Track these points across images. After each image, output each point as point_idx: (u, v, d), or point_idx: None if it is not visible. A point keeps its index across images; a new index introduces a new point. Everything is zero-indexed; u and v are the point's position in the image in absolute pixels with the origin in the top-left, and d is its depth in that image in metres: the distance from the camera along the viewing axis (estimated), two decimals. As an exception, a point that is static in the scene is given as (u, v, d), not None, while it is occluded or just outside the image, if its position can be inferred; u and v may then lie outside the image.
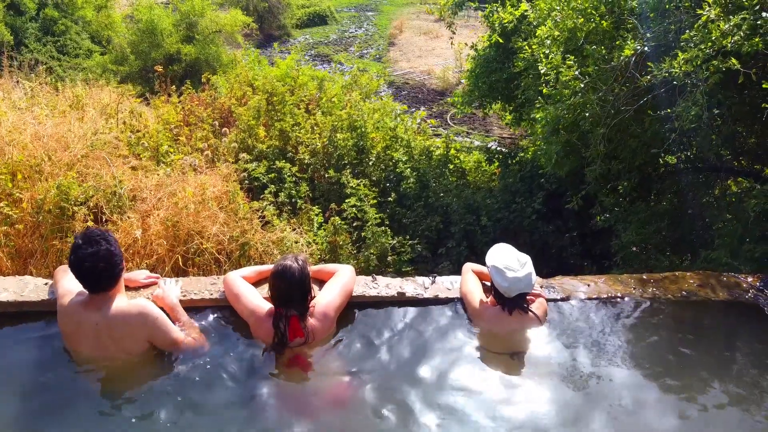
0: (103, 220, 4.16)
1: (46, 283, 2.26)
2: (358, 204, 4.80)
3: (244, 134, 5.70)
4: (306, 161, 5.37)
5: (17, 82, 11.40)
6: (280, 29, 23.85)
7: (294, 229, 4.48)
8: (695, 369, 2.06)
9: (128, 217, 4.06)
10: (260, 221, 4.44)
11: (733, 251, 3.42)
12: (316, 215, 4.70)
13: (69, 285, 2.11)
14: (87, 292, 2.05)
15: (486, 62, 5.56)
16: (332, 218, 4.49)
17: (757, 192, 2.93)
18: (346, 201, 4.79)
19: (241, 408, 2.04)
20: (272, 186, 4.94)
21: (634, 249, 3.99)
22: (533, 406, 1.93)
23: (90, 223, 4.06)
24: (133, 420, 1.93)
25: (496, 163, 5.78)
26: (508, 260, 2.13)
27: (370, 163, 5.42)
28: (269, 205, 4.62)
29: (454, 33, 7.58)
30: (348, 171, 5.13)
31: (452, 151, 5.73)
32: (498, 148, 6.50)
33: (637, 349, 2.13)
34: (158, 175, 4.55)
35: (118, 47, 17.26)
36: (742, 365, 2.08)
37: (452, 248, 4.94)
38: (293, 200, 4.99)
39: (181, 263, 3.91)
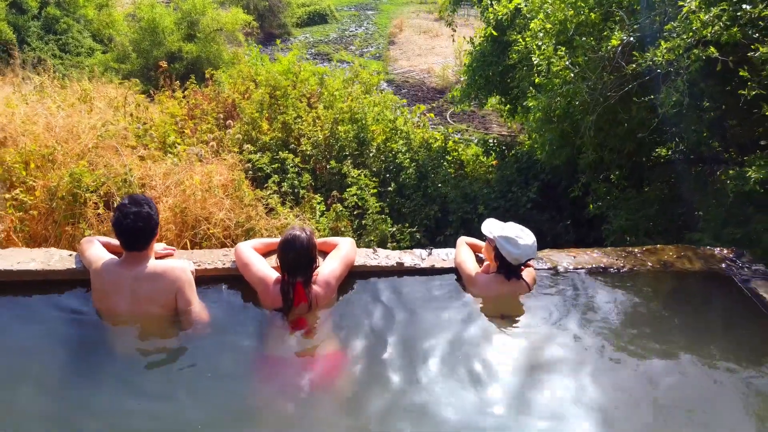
0: (114, 206, 4.34)
1: (70, 254, 2.45)
2: (359, 193, 4.99)
3: (248, 126, 5.89)
4: (308, 152, 5.56)
5: (22, 79, 11.60)
6: (281, 28, 24.05)
7: (297, 216, 4.67)
8: (669, 332, 2.24)
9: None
10: (264, 208, 4.64)
11: (716, 234, 3.61)
12: (318, 203, 4.88)
13: (98, 251, 2.30)
14: (117, 257, 2.25)
15: (482, 56, 5.76)
16: (334, 205, 4.67)
17: (734, 173, 3.12)
18: (348, 190, 4.97)
19: (247, 368, 2.22)
20: (276, 176, 5.13)
21: (625, 235, 4.17)
22: (519, 361, 2.11)
23: (101, 210, 4.26)
24: (152, 375, 2.12)
25: (494, 156, 5.97)
26: (515, 231, 2.31)
27: (371, 155, 5.61)
28: (273, 193, 4.82)
29: (454, 30, 7.77)
30: (349, 162, 5.32)
31: (450, 144, 5.92)
32: (495, 139, 6.69)
33: (615, 313, 2.32)
34: (166, 164, 4.74)
35: (120, 45, 17.42)
36: (713, 329, 2.26)
37: (450, 236, 5.13)
38: (296, 190, 5.17)
39: (189, 247, 4.10)
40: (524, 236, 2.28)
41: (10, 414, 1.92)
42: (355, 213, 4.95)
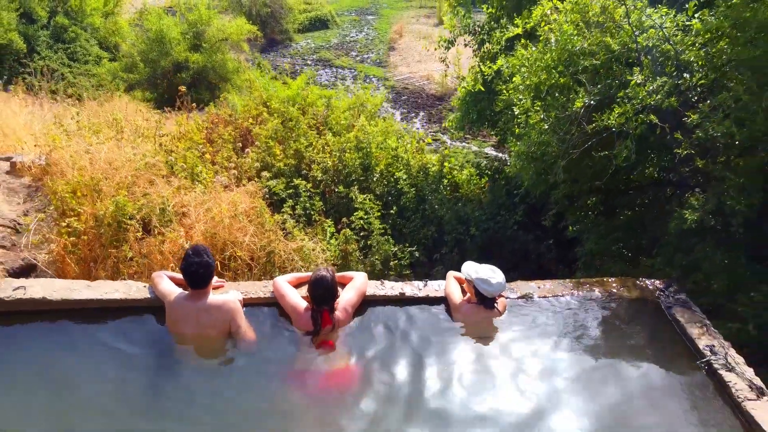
0: (152, 231, 5.08)
1: (144, 286, 3.18)
2: (365, 216, 5.73)
3: (264, 153, 6.62)
4: (318, 178, 6.29)
5: (39, 88, 12.32)
6: (282, 34, 24.72)
7: (311, 239, 5.40)
8: (607, 346, 2.98)
9: (173, 229, 4.98)
10: (282, 232, 5.37)
11: (668, 260, 4.35)
12: (329, 227, 5.62)
13: (169, 287, 3.04)
14: (185, 292, 2.98)
15: (474, 95, 6.50)
16: (344, 230, 5.41)
17: (677, 214, 3.85)
18: (355, 214, 5.71)
19: (283, 377, 2.95)
20: (290, 201, 5.87)
21: (594, 256, 4.91)
22: (493, 370, 2.85)
23: (140, 234, 5.00)
24: (209, 382, 2.86)
25: (486, 178, 6.70)
26: (487, 272, 3.05)
27: (374, 180, 6.34)
28: (289, 217, 5.55)
29: (447, 66, 8.48)
30: (355, 187, 6.06)
31: (446, 168, 6.65)
32: (488, 161, 7.42)
33: (568, 332, 3.05)
34: (195, 192, 5.48)
35: (128, 55, 18.08)
36: (640, 345, 3.00)
37: (446, 254, 5.86)
38: (308, 212, 5.91)
39: (219, 268, 4.83)
40: (496, 276, 3.01)
41: (116, 401, 2.65)
42: (361, 234, 5.69)
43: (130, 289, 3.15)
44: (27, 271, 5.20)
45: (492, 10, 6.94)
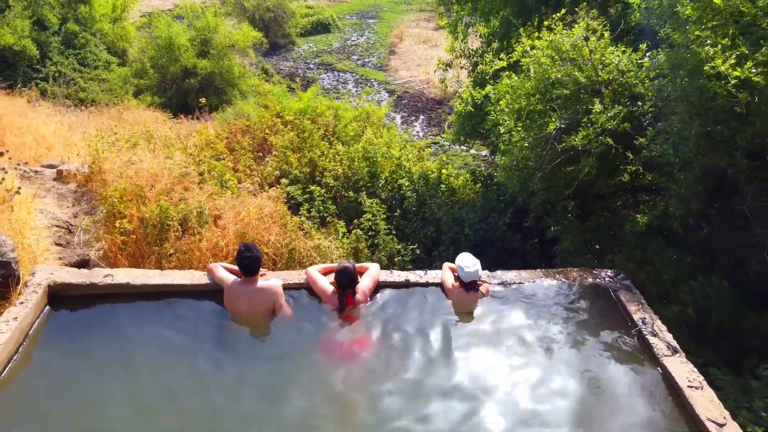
0: (189, 232, 6.01)
1: (203, 275, 4.12)
2: (372, 218, 6.67)
3: (281, 162, 7.56)
4: (331, 184, 7.24)
5: (60, 107, 13.23)
6: (285, 38, 25.67)
7: (326, 238, 6.35)
8: (567, 321, 3.93)
9: (209, 229, 5.92)
10: (301, 232, 6.31)
11: (627, 256, 5.31)
12: (341, 227, 6.56)
13: (225, 275, 3.98)
14: (239, 278, 3.92)
15: (467, 114, 7.47)
16: (354, 230, 6.36)
17: (631, 218, 4.81)
18: (363, 216, 6.66)
19: (314, 343, 3.88)
20: (306, 204, 6.82)
21: (570, 254, 5.86)
22: (476, 337, 3.80)
23: (179, 233, 5.93)
24: (258, 347, 3.79)
25: (479, 184, 7.65)
26: (466, 262, 3.99)
27: (380, 185, 7.29)
28: (305, 219, 6.50)
29: (446, 87, 9.41)
30: (363, 192, 7.01)
31: (444, 174, 7.59)
32: (482, 167, 8.36)
33: (538, 310, 4.00)
34: (224, 197, 6.42)
35: (138, 61, 18.94)
36: (593, 319, 3.94)
37: (443, 251, 6.81)
38: (322, 215, 6.86)
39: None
40: (470, 265, 3.96)
41: (184, 366, 3.58)
42: (369, 234, 6.63)
43: (194, 277, 4.10)
44: (81, 265, 6.13)
45: (486, 32, 7.90)
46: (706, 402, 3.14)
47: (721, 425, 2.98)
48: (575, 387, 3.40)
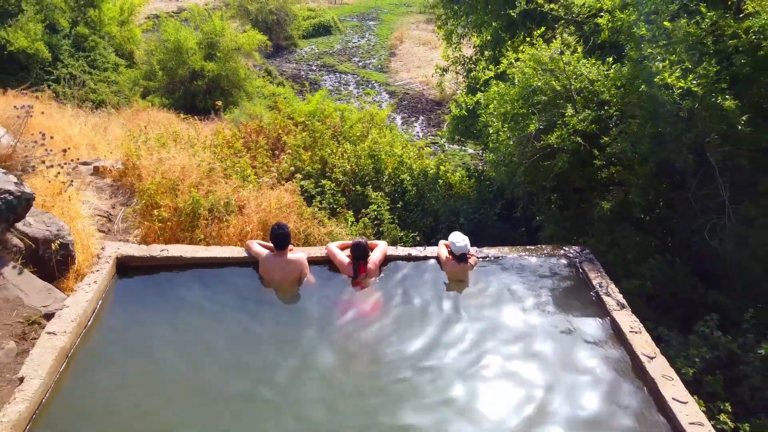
0: (217, 219, 6.98)
1: (241, 249, 5.11)
2: (377, 209, 7.66)
3: (295, 159, 8.54)
4: (340, 179, 8.22)
5: (82, 109, 14.18)
6: (287, 40, 26.69)
7: (337, 226, 7.33)
8: (539, 286, 4.91)
9: (235, 217, 6.90)
10: (315, 220, 7.29)
11: (599, 238, 6.30)
12: (350, 217, 7.54)
13: (261, 249, 4.96)
14: (272, 252, 4.90)
15: (460, 117, 8.48)
16: (362, 219, 7.34)
17: (599, 206, 5.80)
18: (370, 207, 7.64)
19: (333, 304, 4.85)
20: (318, 197, 7.80)
21: (552, 239, 6.84)
22: (463, 299, 4.78)
23: (208, 221, 6.90)
24: (287, 308, 4.77)
25: (473, 179, 8.64)
26: (457, 238, 4.98)
27: (384, 180, 8.28)
28: (319, 210, 7.48)
29: (443, 90, 10.38)
30: (369, 186, 7.99)
31: (441, 171, 8.58)
32: (476, 165, 9.35)
33: (518, 278, 4.98)
34: (247, 189, 7.39)
35: (147, 63, 19.90)
36: (560, 286, 4.93)
37: (440, 239, 7.76)
38: (332, 206, 7.84)
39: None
40: (460, 241, 4.94)
41: (228, 322, 4.55)
42: (374, 223, 7.61)
43: (233, 251, 5.09)
44: (121, 249, 7.09)
45: (479, 41, 8.91)
46: (642, 342, 4.13)
47: (651, 358, 3.96)
48: (544, 333, 4.38)
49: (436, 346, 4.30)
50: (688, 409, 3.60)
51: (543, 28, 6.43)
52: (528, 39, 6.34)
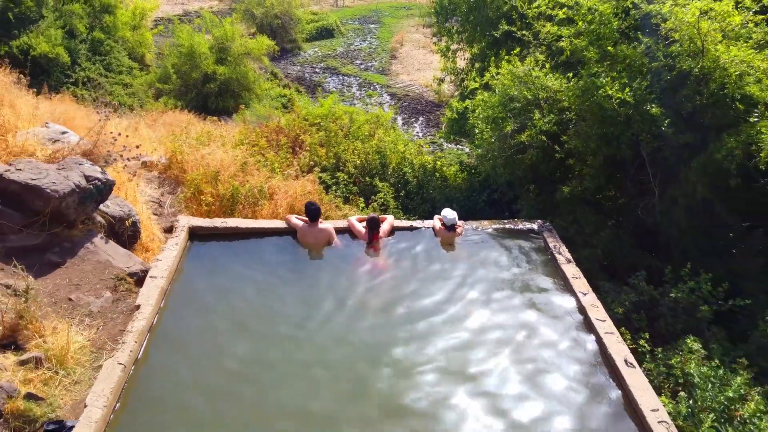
0: (252, 204, 8.77)
1: (281, 221, 6.90)
2: (383, 197, 9.46)
3: (312, 155, 10.35)
4: (351, 172, 10.03)
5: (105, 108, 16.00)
6: (292, 43, 28.56)
7: (350, 211, 9.14)
8: (508, 246, 6.71)
9: (268, 201, 8.69)
10: (333, 205, 9.09)
11: (563, 218, 8.11)
12: (361, 203, 9.34)
13: (297, 221, 6.77)
14: (306, 223, 6.70)
15: (454, 120, 10.33)
16: (371, 205, 9.15)
17: (560, 191, 7.60)
18: (377, 194, 9.44)
19: (353, 261, 6.64)
20: (334, 187, 9.61)
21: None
22: (450, 258, 6.58)
23: (243, 205, 8.70)
24: (318, 266, 6.57)
25: (465, 173, 10.46)
26: (447, 213, 6.79)
27: (389, 173, 10.09)
28: (335, 197, 9.29)
29: (440, 97, 12.25)
30: (377, 178, 9.79)
31: (438, 165, 10.40)
32: (467, 163, 11.17)
33: (492, 244, 6.78)
34: (275, 180, 9.19)
35: (161, 67, 21.71)
36: (525, 245, 6.73)
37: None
38: (346, 195, 9.64)
39: (298, 225, 8.53)
40: (449, 214, 6.75)
41: (277, 277, 6.34)
42: (381, 208, 9.42)
43: (275, 224, 6.89)
44: (171, 230, 8.90)
45: (470, 54, 10.74)
46: (580, 285, 5.93)
47: (584, 294, 5.76)
48: (511, 280, 6.17)
49: (430, 289, 6.08)
50: (606, 325, 5.40)
51: (518, 49, 8.26)
52: (507, 57, 8.16)
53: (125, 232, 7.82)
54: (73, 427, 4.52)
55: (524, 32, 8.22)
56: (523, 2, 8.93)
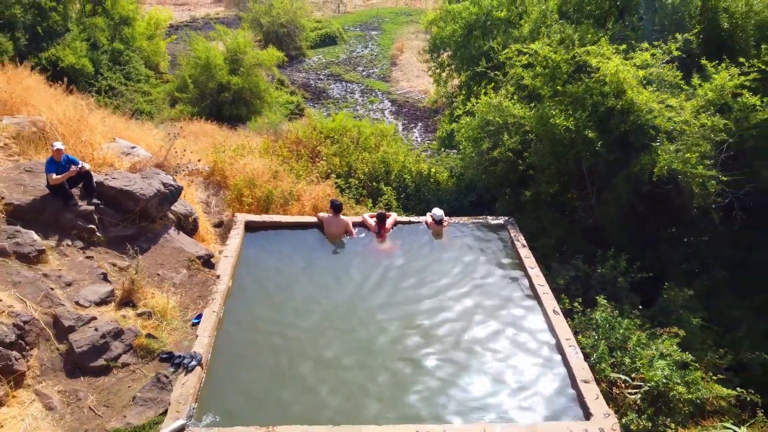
0: (283, 204, 11.62)
1: (313, 216, 9.74)
2: (387, 198, 12.30)
3: (329, 164, 13.19)
4: (361, 177, 12.87)
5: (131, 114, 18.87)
6: (297, 50, 31.43)
7: (361, 210, 11.97)
8: (479, 236, 9.54)
9: (296, 201, 11.55)
10: (347, 205, 11.92)
11: (528, 216, 10.97)
12: (369, 203, 12.17)
13: (324, 214, 9.62)
14: (331, 215, 9.55)
15: (444, 137, 13.23)
16: (378, 205, 11.99)
17: (524, 194, 10.45)
18: (382, 197, 12.28)
19: (368, 246, 9.47)
20: (347, 190, 12.46)
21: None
22: (441, 246, 9.43)
23: (275, 205, 11.57)
24: (339, 250, 9.42)
25: (454, 179, 13.30)
26: (436, 211, 9.64)
27: (392, 179, 12.93)
28: (349, 199, 12.14)
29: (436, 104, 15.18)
30: (382, 182, 12.64)
31: (432, 172, 13.23)
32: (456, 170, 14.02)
33: (467, 232, 9.62)
34: (300, 184, 12.04)
35: (178, 77, 24.50)
36: (493, 234, 9.57)
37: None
38: (357, 197, 12.48)
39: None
40: (436, 212, 9.61)
41: (309, 262, 9.17)
42: (386, 208, 12.25)
43: (307, 219, 9.73)
44: (219, 225, 11.77)
45: (460, 80, 13.62)
46: (530, 263, 8.79)
47: (532, 268, 8.61)
48: (483, 260, 9.00)
49: (424, 265, 8.90)
50: (544, 288, 8.24)
51: (492, 84, 11.12)
52: (484, 90, 11.00)
53: (188, 226, 10.69)
54: (179, 356, 7.35)
55: (496, 72, 11.07)
56: (498, 45, 11.80)
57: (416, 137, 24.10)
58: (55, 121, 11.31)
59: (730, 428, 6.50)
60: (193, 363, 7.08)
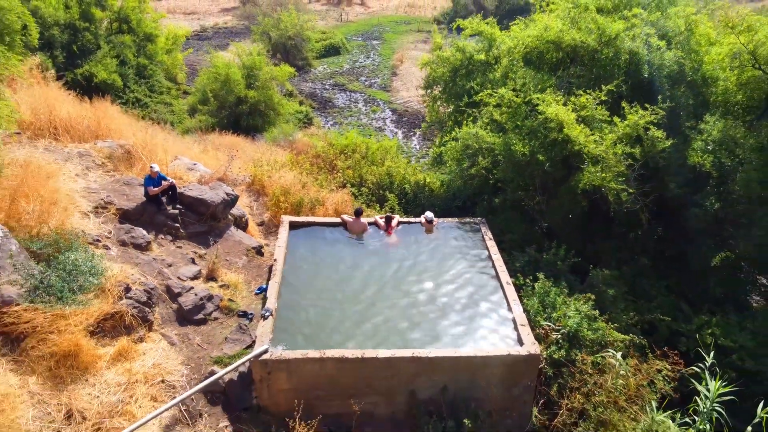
0: (311, 208, 16.20)
1: (338, 218, 14.28)
2: (391, 204, 16.84)
3: (344, 175, 17.74)
4: (370, 186, 17.41)
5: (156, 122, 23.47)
6: (303, 60, 35.94)
7: (371, 212, 16.51)
8: (458, 233, 14.09)
9: (321, 206, 16.16)
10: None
11: (499, 218, 15.56)
12: (377, 208, 16.69)
13: (347, 218, 14.19)
14: (353, 218, 14.10)
15: (436, 155, 17.83)
16: (384, 208, 16.54)
17: (496, 200, 15.00)
18: (387, 202, 16.82)
19: (380, 239, 14.01)
20: (360, 197, 17.01)
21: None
22: (432, 240, 13.98)
23: (304, 209, 16.17)
24: (359, 245, 13.97)
25: (445, 187, 17.83)
26: (428, 214, 14.22)
27: (395, 187, 17.47)
28: (361, 204, 16.70)
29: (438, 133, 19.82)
30: (387, 191, 17.20)
31: (427, 182, 17.77)
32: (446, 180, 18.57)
33: (450, 230, 14.15)
34: (323, 192, 16.63)
35: (200, 91, 28.99)
36: (468, 231, 14.12)
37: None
38: (367, 202, 17.04)
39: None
40: (428, 214, 14.21)
41: (337, 257, 13.70)
42: (391, 210, 16.79)
43: (333, 219, 14.28)
44: (261, 224, 16.37)
45: (452, 106, 18.22)
46: (495, 251, 13.35)
47: (495, 254, 13.16)
48: (462, 250, 13.54)
49: (419, 252, 13.41)
50: (503, 267, 12.79)
51: (472, 117, 15.65)
52: (466, 122, 15.50)
53: (242, 225, 15.29)
54: (251, 313, 11.95)
55: (473, 109, 15.61)
56: (477, 85, 16.36)
57: (415, 144, 28.67)
58: (138, 144, 15.87)
59: (610, 353, 11.00)
60: (267, 314, 11.63)
